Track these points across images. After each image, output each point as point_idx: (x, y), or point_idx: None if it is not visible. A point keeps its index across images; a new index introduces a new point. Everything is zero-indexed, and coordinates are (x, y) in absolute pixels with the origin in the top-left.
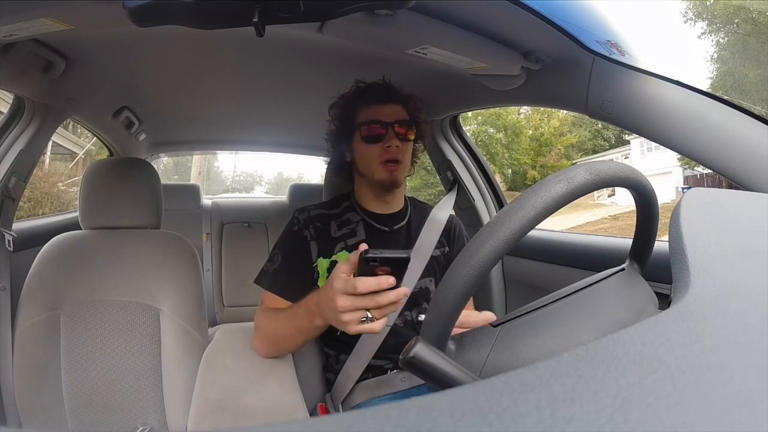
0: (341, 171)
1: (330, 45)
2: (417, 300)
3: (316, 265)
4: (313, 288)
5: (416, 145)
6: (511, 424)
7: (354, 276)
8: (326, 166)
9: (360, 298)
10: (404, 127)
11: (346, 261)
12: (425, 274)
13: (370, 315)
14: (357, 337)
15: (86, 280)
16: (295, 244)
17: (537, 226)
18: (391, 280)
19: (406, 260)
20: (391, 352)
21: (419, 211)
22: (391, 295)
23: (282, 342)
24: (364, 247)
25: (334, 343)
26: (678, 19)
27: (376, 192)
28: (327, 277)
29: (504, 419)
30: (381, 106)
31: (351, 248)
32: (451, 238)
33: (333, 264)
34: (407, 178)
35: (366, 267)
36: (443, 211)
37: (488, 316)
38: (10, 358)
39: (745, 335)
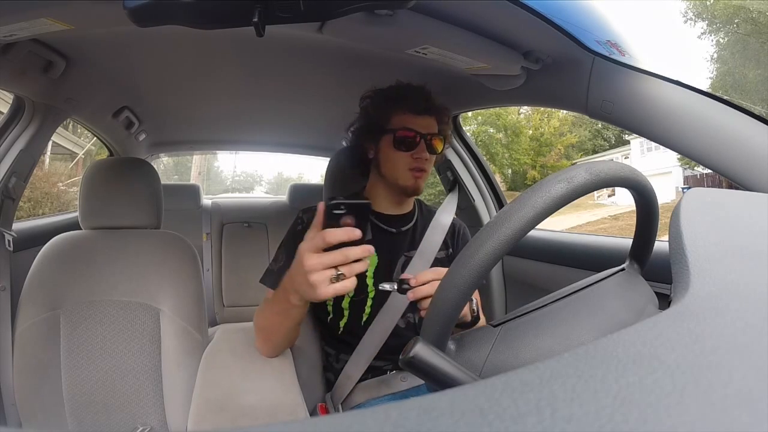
0: (357, 165)
1: (330, 45)
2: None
3: None
4: None
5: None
6: (511, 424)
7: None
8: (328, 162)
9: (328, 254)
10: (436, 140)
11: (313, 226)
12: None
13: (341, 271)
14: (358, 336)
15: (86, 280)
16: (298, 243)
17: (537, 226)
18: (357, 232)
19: (368, 205)
20: (392, 353)
21: (426, 214)
22: (358, 250)
23: (272, 334)
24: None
25: (335, 342)
26: (678, 19)
27: (394, 194)
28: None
29: (504, 419)
30: (418, 117)
31: None
32: (455, 240)
33: None
34: None
35: (331, 221)
36: (447, 214)
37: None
38: (10, 358)
39: (745, 335)
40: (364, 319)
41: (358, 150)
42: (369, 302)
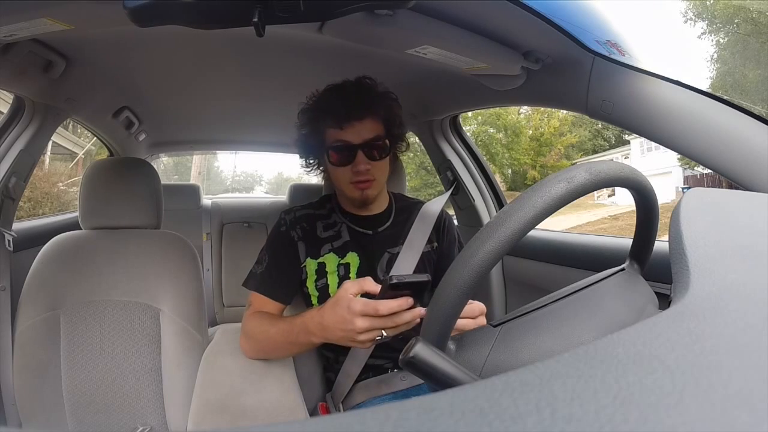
0: (316, 171)
1: (330, 45)
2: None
3: (305, 266)
4: (303, 289)
5: (396, 148)
6: (511, 424)
7: (376, 298)
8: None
9: (380, 319)
10: (374, 146)
11: (354, 282)
12: (416, 270)
13: (385, 333)
14: None
15: (86, 280)
16: (283, 244)
17: (537, 226)
18: (410, 300)
19: (427, 283)
20: (390, 351)
21: (405, 207)
22: (407, 315)
23: (273, 351)
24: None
25: (332, 346)
26: (678, 19)
27: (351, 202)
28: (315, 279)
29: (504, 419)
30: (347, 127)
31: (337, 250)
32: (440, 234)
33: (321, 265)
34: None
35: (388, 291)
36: (435, 205)
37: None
38: (10, 358)
39: (745, 335)
40: None
41: (309, 161)
42: None
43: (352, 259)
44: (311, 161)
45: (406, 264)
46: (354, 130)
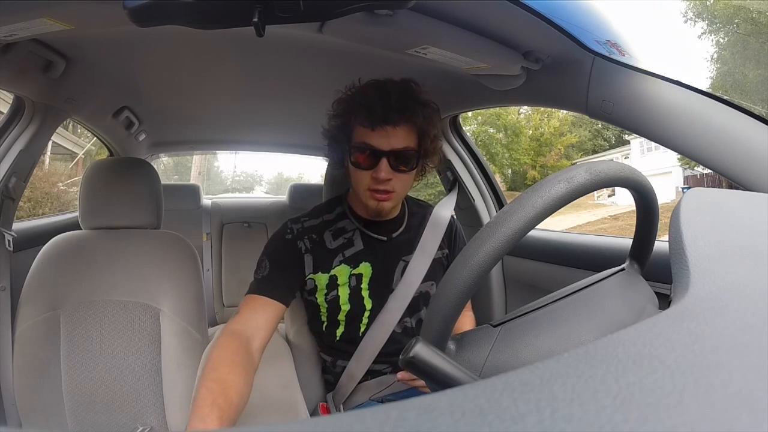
0: (340, 167)
1: (330, 45)
2: (417, 305)
3: (312, 279)
4: (311, 298)
5: (424, 163)
6: (511, 424)
7: None
8: (328, 163)
9: None
10: (401, 156)
11: None
12: (427, 277)
13: None
14: (356, 344)
15: (86, 280)
16: (286, 252)
17: (537, 226)
18: None
19: None
20: (390, 356)
21: (418, 212)
22: None
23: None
24: None
25: (332, 350)
26: (678, 19)
27: (365, 209)
28: (325, 292)
29: (504, 419)
30: (377, 130)
31: (349, 260)
32: (451, 241)
33: (332, 278)
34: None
35: None
36: (446, 210)
37: None
38: (10, 358)
39: (745, 335)
40: (362, 330)
41: (335, 156)
42: (366, 314)
43: (365, 269)
44: (335, 155)
45: (417, 269)
46: (384, 135)
